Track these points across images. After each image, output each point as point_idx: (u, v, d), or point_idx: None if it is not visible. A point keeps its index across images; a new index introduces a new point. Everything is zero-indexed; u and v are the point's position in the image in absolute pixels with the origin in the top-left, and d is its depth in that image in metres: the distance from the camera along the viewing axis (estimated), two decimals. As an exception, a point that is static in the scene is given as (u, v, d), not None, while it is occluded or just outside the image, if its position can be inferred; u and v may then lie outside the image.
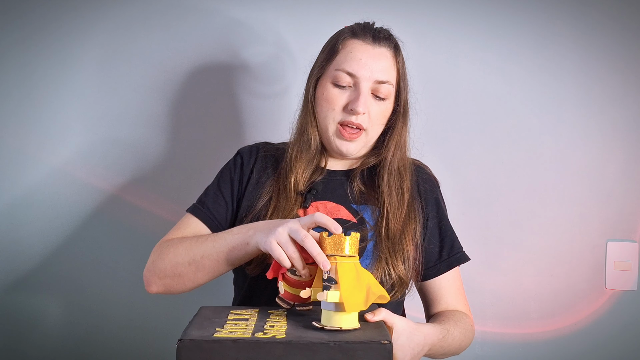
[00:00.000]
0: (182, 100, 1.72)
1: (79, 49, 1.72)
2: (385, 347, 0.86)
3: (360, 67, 1.23)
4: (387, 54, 1.27)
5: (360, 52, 1.25)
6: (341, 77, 1.24)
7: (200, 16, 1.71)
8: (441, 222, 1.34)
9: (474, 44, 1.70)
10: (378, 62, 1.25)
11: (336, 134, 1.26)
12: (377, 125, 1.28)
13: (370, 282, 0.94)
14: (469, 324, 1.28)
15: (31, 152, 1.72)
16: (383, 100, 1.26)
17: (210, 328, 0.90)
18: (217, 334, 0.87)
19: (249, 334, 0.87)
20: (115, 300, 1.72)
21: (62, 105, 1.72)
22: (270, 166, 1.33)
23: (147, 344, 1.73)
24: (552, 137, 1.68)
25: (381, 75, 1.24)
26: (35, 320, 1.73)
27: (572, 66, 1.68)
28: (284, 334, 0.88)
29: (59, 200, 1.72)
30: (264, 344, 0.84)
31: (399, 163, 1.30)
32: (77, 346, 1.73)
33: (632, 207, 1.66)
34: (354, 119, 1.24)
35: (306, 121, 1.30)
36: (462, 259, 1.34)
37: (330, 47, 1.30)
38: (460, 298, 1.34)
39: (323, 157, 1.33)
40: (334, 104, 1.25)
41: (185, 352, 0.83)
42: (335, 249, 0.93)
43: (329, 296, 0.90)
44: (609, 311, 1.67)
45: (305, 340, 0.85)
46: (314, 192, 1.28)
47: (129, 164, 1.72)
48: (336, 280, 0.91)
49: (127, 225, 1.72)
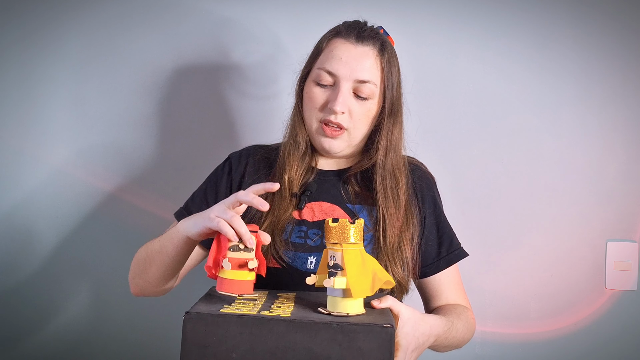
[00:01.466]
0: (182, 100, 1.73)
1: (78, 49, 1.73)
2: (387, 330, 0.86)
3: (341, 66, 1.23)
4: (370, 53, 1.25)
5: (342, 51, 1.25)
6: (322, 76, 1.25)
7: (199, 18, 1.72)
8: (438, 219, 1.35)
9: (474, 44, 1.71)
10: (359, 61, 1.24)
11: (318, 132, 1.27)
12: (361, 125, 1.27)
13: (376, 268, 0.95)
14: (470, 318, 1.28)
15: (31, 152, 1.73)
16: (365, 100, 1.25)
17: (218, 304, 0.91)
18: (223, 310, 0.87)
19: (255, 312, 0.88)
20: (115, 300, 1.72)
21: (61, 106, 1.73)
22: (263, 169, 1.34)
23: (147, 344, 1.72)
24: (552, 137, 1.69)
25: (362, 74, 1.23)
26: (35, 320, 1.72)
27: (572, 65, 1.68)
28: (289, 314, 0.88)
29: (59, 201, 1.72)
30: (268, 320, 0.85)
31: (393, 165, 1.29)
32: (77, 346, 1.72)
33: (632, 207, 1.66)
34: (333, 118, 1.24)
35: (295, 120, 1.32)
36: (461, 255, 1.35)
37: (316, 46, 1.31)
38: (460, 292, 1.34)
39: (313, 156, 1.33)
40: (315, 102, 1.26)
41: (190, 324, 0.84)
42: (341, 236, 0.93)
43: (336, 282, 0.91)
44: (609, 311, 1.66)
45: (308, 319, 0.86)
46: (307, 194, 1.28)
47: (129, 164, 1.73)
48: (342, 267, 0.91)
49: (126, 225, 1.71)
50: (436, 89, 1.71)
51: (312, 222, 1.26)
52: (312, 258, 1.22)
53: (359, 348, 0.84)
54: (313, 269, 1.21)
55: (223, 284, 0.95)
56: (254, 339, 0.83)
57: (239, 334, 0.83)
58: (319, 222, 1.26)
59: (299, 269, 1.21)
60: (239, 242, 0.96)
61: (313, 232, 1.25)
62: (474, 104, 1.71)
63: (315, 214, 1.27)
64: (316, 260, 1.22)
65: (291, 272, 1.21)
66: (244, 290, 0.96)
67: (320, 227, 1.25)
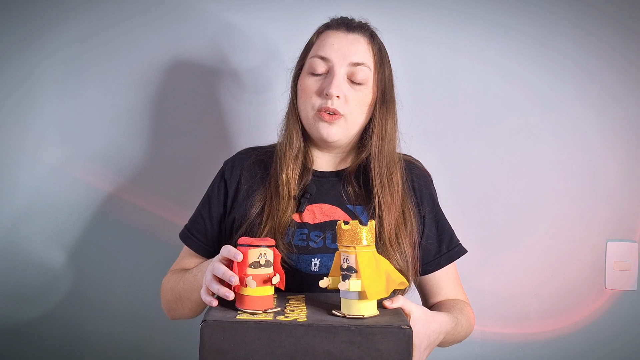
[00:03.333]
0: (182, 101, 1.72)
1: (78, 49, 1.72)
2: (405, 332, 0.86)
3: (333, 51, 1.24)
4: (362, 40, 1.26)
5: (333, 39, 1.26)
6: (316, 64, 1.25)
7: (198, 20, 1.72)
8: (437, 217, 1.34)
9: (474, 44, 1.71)
10: (352, 46, 1.25)
11: (315, 119, 1.25)
12: (357, 111, 1.26)
13: (389, 269, 0.95)
14: (471, 312, 1.29)
15: (30, 152, 1.71)
16: (360, 86, 1.25)
17: (232, 310, 0.92)
18: (239, 316, 0.87)
19: (271, 317, 0.87)
20: (114, 300, 1.71)
21: (61, 106, 1.71)
22: (259, 172, 1.32)
23: (147, 344, 1.71)
24: (552, 137, 1.69)
25: (355, 57, 1.24)
26: (34, 320, 1.71)
27: (572, 65, 1.69)
28: (304, 317, 0.88)
29: (59, 201, 1.71)
30: (286, 325, 0.84)
31: (388, 156, 1.28)
32: (76, 346, 1.71)
33: (632, 207, 1.67)
34: (329, 104, 1.22)
35: (288, 118, 1.31)
36: (461, 252, 1.35)
37: (308, 42, 1.32)
38: (459, 288, 1.35)
39: (308, 156, 1.31)
40: (310, 91, 1.25)
41: (208, 331, 0.84)
42: (353, 239, 0.93)
43: (351, 285, 0.90)
44: (609, 311, 1.67)
45: (326, 323, 0.86)
46: (307, 196, 1.26)
47: (129, 165, 1.71)
48: (356, 269, 0.91)
49: (126, 225, 1.71)
50: (436, 88, 1.71)
51: (314, 225, 1.25)
52: (315, 260, 1.21)
53: (377, 349, 0.84)
54: (317, 271, 1.20)
55: (244, 301, 0.94)
56: (272, 343, 0.83)
57: (257, 339, 0.83)
58: (321, 224, 1.25)
59: (304, 271, 1.20)
60: (258, 258, 0.96)
61: (315, 234, 1.23)
62: (474, 103, 1.71)
63: (316, 216, 1.25)
64: (320, 262, 1.21)
65: (295, 275, 1.19)
66: (266, 306, 0.95)
67: (321, 228, 1.24)
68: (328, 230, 1.23)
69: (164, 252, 1.62)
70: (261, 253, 0.95)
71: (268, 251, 0.96)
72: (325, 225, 1.24)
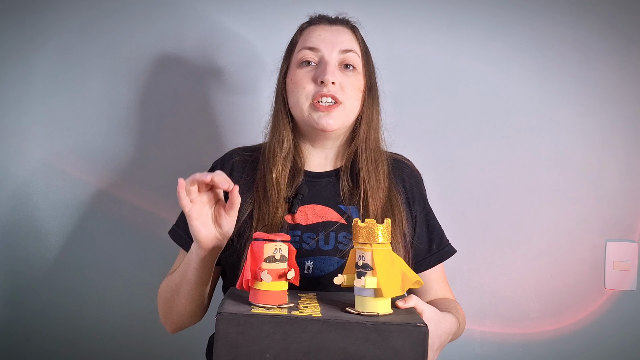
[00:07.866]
0: (183, 101, 1.71)
1: (76, 49, 1.71)
2: (422, 329, 0.85)
3: (321, 41, 1.25)
4: (345, 29, 1.28)
5: (319, 31, 1.27)
6: (305, 54, 1.25)
7: (197, 22, 1.72)
8: (428, 216, 1.34)
9: (474, 44, 1.71)
10: (338, 35, 1.27)
11: (311, 109, 1.23)
12: (352, 98, 1.25)
13: (404, 268, 0.94)
14: (462, 311, 1.29)
15: (30, 152, 1.71)
16: (353, 71, 1.25)
17: (246, 304, 0.91)
18: (254, 310, 0.86)
19: (285, 312, 0.86)
20: (114, 300, 1.70)
21: (61, 105, 1.71)
22: (248, 172, 1.30)
23: (147, 344, 1.69)
24: (552, 137, 1.70)
25: (344, 45, 1.25)
26: (34, 320, 1.69)
27: (572, 65, 1.70)
28: (319, 313, 0.87)
29: (59, 201, 1.70)
30: (301, 320, 0.83)
31: (374, 145, 1.28)
32: (76, 346, 1.69)
33: (632, 207, 1.68)
34: (325, 91, 1.21)
35: (278, 118, 1.29)
36: (451, 252, 1.35)
37: (291, 41, 1.32)
38: (447, 287, 1.35)
39: (299, 156, 1.30)
40: (302, 82, 1.24)
41: (223, 325, 0.83)
42: (369, 236, 0.92)
43: (367, 282, 0.90)
44: (608, 311, 1.67)
45: (342, 319, 0.84)
46: (300, 197, 1.24)
47: (128, 164, 1.71)
48: (372, 267, 0.91)
49: (125, 225, 1.70)
50: (436, 88, 1.71)
51: (306, 226, 1.23)
52: (309, 262, 1.19)
53: (392, 347, 0.83)
54: (310, 274, 1.18)
55: (259, 295, 0.92)
56: (287, 338, 0.82)
57: (272, 333, 0.81)
58: (313, 226, 1.23)
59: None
60: (274, 253, 0.94)
61: (308, 236, 1.21)
62: (473, 103, 1.71)
63: (308, 217, 1.23)
64: (313, 265, 1.19)
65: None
66: (280, 301, 0.93)
67: (314, 230, 1.22)
68: (321, 232, 1.21)
69: (163, 252, 1.60)
70: (276, 248, 0.93)
71: (283, 246, 0.95)
72: (318, 226, 1.22)
